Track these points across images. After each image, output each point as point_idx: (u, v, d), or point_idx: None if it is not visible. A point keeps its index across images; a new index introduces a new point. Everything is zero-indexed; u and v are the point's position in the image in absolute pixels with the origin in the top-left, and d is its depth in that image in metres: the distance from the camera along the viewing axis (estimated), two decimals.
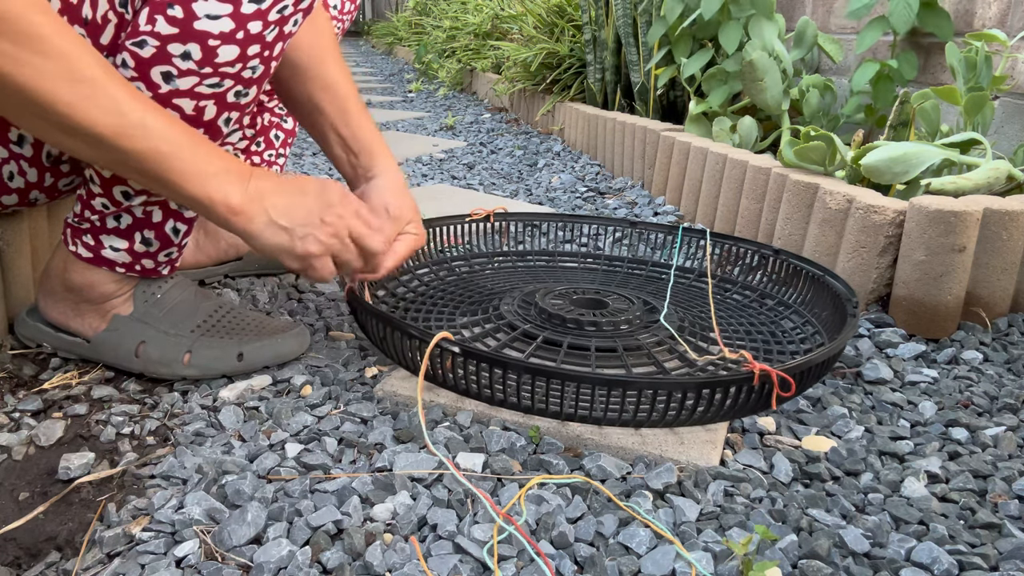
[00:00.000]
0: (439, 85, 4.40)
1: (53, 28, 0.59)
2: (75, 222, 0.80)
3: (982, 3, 1.46)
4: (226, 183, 0.69)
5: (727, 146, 1.51)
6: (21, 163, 0.78)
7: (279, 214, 0.72)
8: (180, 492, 0.65)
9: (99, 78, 0.61)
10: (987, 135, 1.26)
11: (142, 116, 0.64)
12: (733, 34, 1.60)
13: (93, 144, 0.63)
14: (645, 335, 0.87)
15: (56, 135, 0.63)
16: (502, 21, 3.56)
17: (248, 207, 0.70)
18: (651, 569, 0.57)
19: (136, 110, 0.63)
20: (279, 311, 1.04)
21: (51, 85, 0.59)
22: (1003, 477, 0.70)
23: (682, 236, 1.13)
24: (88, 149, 0.64)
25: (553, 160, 2.22)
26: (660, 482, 0.66)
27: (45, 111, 0.60)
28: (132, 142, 0.64)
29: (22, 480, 0.67)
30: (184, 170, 0.67)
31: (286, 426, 0.75)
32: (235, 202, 0.70)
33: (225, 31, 0.68)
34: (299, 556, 0.56)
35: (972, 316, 1.03)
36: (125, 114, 0.63)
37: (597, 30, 2.27)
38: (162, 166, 0.66)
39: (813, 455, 0.73)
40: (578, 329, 0.88)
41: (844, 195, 1.09)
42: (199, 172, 0.67)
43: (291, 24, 0.73)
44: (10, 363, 0.85)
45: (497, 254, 1.17)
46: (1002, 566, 0.59)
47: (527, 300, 0.96)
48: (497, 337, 0.87)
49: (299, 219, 0.73)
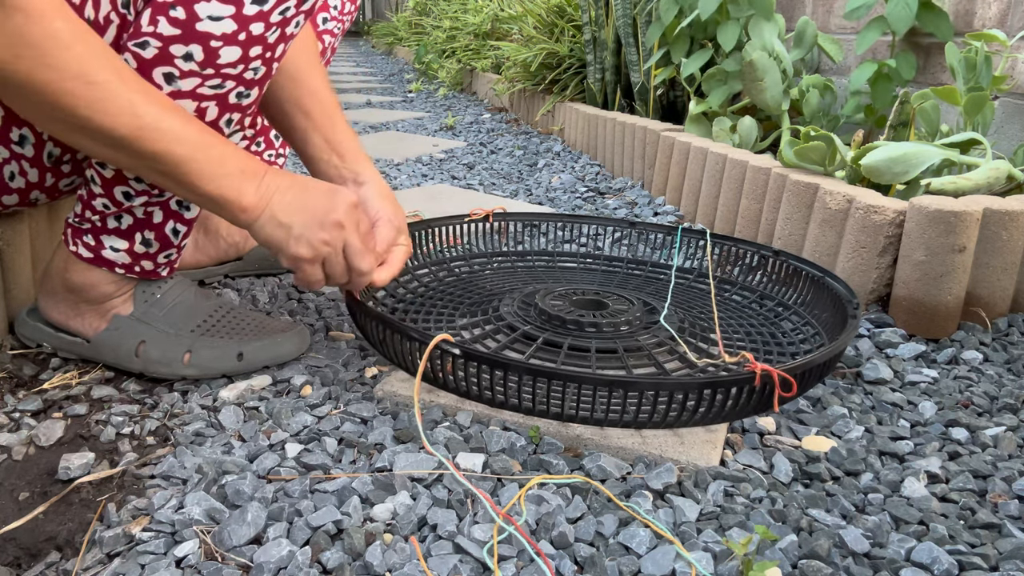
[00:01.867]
0: (439, 85, 4.40)
1: (71, 31, 0.60)
2: (76, 222, 0.80)
3: (982, 3, 1.46)
4: (240, 182, 0.70)
5: (727, 146, 1.51)
6: (22, 163, 0.78)
7: (282, 211, 0.73)
8: (180, 492, 0.65)
9: (113, 80, 0.62)
10: (987, 135, 1.27)
11: (157, 118, 0.64)
12: (731, 33, 1.60)
13: (111, 146, 0.65)
14: (645, 336, 0.87)
15: (76, 137, 0.64)
16: (502, 21, 3.56)
17: (258, 204, 0.72)
18: (651, 569, 0.57)
19: (151, 112, 0.64)
20: (279, 311, 1.04)
21: (69, 87, 0.60)
22: (1003, 477, 0.70)
23: (681, 237, 1.13)
24: (107, 151, 0.65)
25: (553, 160, 2.22)
26: (660, 482, 0.66)
27: (64, 114, 0.62)
28: (148, 144, 0.65)
29: (22, 480, 0.67)
30: (200, 171, 0.68)
31: (286, 426, 0.75)
32: (247, 202, 0.71)
33: (227, 32, 0.68)
34: (299, 556, 0.56)
35: (972, 316, 1.03)
36: (140, 116, 0.63)
37: (597, 30, 2.27)
38: (178, 168, 0.67)
39: (813, 455, 0.73)
40: (578, 330, 0.88)
41: (844, 195, 1.09)
42: (214, 173, 0.68)
43: (293, 25, 0.73)
44: (10, 363, 0.85)
45: (496, 254, 1.17)
46: (1002, 566, 0.59)
47: (527, 301, 0.96)
48: (497, 339, 0.87)
49: (299, 220, 0.74)
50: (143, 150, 0.65)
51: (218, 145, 0.69)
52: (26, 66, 0.58)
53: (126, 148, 0.64)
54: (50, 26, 0.59)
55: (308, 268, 0.76)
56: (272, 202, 0.73)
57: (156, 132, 0.64)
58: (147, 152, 0.65)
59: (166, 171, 0.67)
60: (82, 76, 0.60)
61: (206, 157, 0.68)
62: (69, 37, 0.60)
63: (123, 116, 0.63)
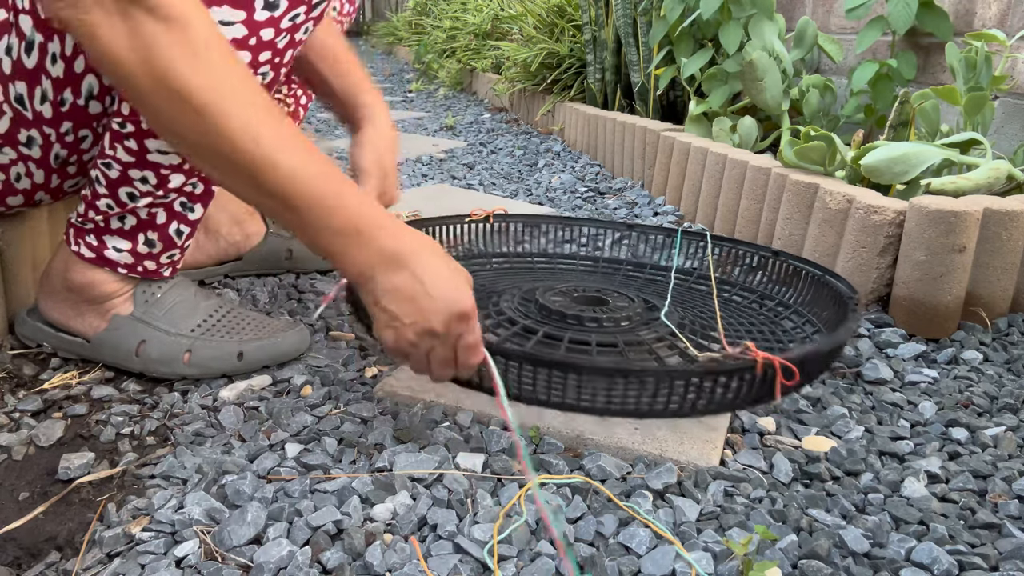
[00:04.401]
0: (439, 85, 4.40)
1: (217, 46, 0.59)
2: (79, 222, 0.80)
3: (982, 3, 1.46)
4: (343, 242, 0.63)
5: (727, 146, 1.51)
6: (29, 164, 0.78)
7: (385, 297, 0.64)
8: (180, 492, 0.65)
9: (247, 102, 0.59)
10: (987, 135, 1.27)
11: (271, 149, 0.59)
12: (734, 34, 1.60)
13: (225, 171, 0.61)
14: (646, 331, 0.87)
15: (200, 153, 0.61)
16: (502, 21, 3.56)
17: (359, 276, 0.65)
18: (651, 569, 0.57)
19: (270, 138, 0.59)
20: (279, 311, 1.04)
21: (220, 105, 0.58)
22: (1003, 477, 0.70)
23: (681, 239, 1.13)
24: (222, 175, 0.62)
25: (553, 160, 2.22)
26: (660, 482, 0.66)
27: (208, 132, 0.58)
28: (263, 175, 0.60)
29: (22, 480, 0.67)
30: (303, 222, 0.62)
31: (286, 426, 0.75)
32: (351, 272, 0.64)
33: (238, 37, 0.69)
34: (299, 556, 0.56)
35: (972, 316, 1.03)
36: (260, 144, 0.59)
37: (597, 30, 2.27)
38: (287, 207, 0.61)
39: (813, 455, 0.73)
40: (579, 325, 0.88)
41: (844, 195, 1.09)
42: (323, 228, 0.62)
43: (302, 32, 0.73)
44: (10, 363, 0.85)
45: (496, 255, 1.17)
46: (1002, 566, 0.59)
47: (527, 298, 0.96)
48: (497, 333, 0.87)
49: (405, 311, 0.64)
50: (259, 183, 0.60)
51: (327, 199, 0.61)
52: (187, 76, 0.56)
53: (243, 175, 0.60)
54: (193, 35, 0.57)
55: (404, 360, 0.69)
56: (376, 282, 0.64)
57: (272, 172, 0.60)
58: (262, 185, 0.60)
59: (279, 211, 0.62)
60: (237, 97, 0.58)
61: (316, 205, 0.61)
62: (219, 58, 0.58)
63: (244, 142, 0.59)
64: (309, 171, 0.61)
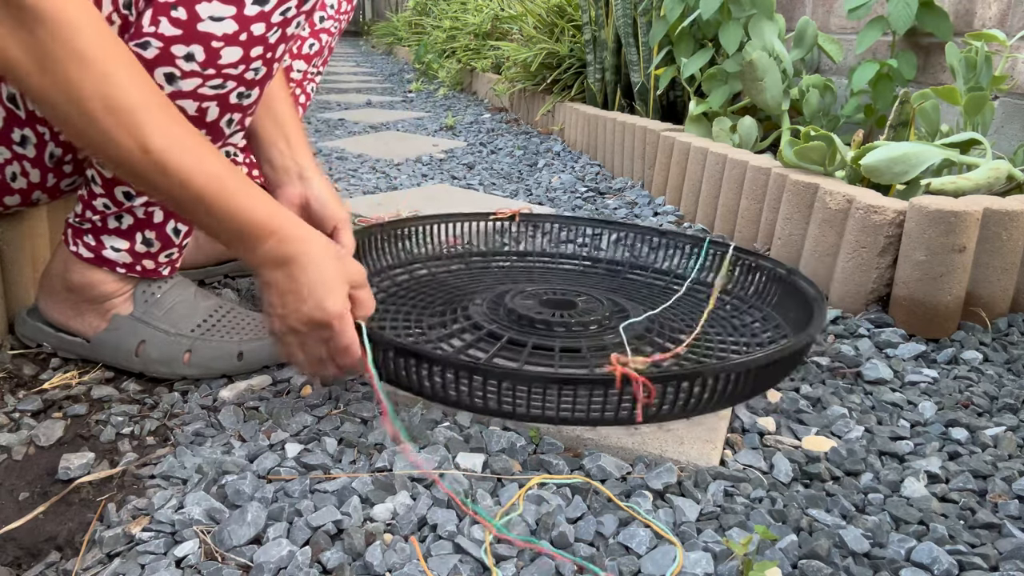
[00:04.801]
0: (439, 85, 4.40)
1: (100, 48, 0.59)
2: (76, 222, 0.80)
3: (982, 3, 1.46)
4: (239, 245, 0.69)
5: (727, 146, 1.51)
6: (24, 164, 0.78)
7: (266, 287, 0.70)
8: (180, 492, 0.65)
9: (137, 108, 0.61)
10: (987, 135, 1.27)
11: (163, 156, 0.62)
12: (733, 34, 1.60)
13: (127, 174, 0.64)
14: (612, 336, 0.87)
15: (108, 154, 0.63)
16: (502, 21, 3.56)
17: (253, 266, 0.71)
18: (651, 569, 0.57)
19: (160, 147, 0.62)
20: None
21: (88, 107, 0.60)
22: (1003, 477, 0.70)
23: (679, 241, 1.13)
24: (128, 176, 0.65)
25: (553, 160, 2.22)
26: (660, 482, 0.66)
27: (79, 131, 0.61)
28: (155, 180, 0.64)
29: (22, 480, 0.67)
30: (203, 224, 0.68)
31: (286, 426, 0.75)
32: (251, 263, 0.70)
33: (228, 33, 0.68)
34: (299, 556, 0.56)
35: (972, 316, 1.03)
36: (149, 152, 0.62)
37: (597, 30, 2.27)
38: (182, 208, 0.67)
39: (813, 455, 0.73)
40: (547, 330, 0.88)
41: (844, 195, 1.09)
42: (219, 231, 0.68)
43: (293, 26, 0.73)
44: (10, 363, 0.85)
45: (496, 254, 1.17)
46: (1002, 566, 0.59)
47: (497, 301, 0.95)
48: (463, 338, 0.87)
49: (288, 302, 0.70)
50: (152, 184, 0.64)
51: (222, 199, 0.66)
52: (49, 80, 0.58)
53: (141, 180, 0.64)
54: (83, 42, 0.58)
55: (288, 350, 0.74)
56: (261, 275, 0.70)
57: (162, 176, 0.63)
58: (155, 187, 0.64)
59: (176, 207, 0.67)
60: (105, 100, 0.59)
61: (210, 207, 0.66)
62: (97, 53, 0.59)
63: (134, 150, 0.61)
64: (202, 175, 0.64)
